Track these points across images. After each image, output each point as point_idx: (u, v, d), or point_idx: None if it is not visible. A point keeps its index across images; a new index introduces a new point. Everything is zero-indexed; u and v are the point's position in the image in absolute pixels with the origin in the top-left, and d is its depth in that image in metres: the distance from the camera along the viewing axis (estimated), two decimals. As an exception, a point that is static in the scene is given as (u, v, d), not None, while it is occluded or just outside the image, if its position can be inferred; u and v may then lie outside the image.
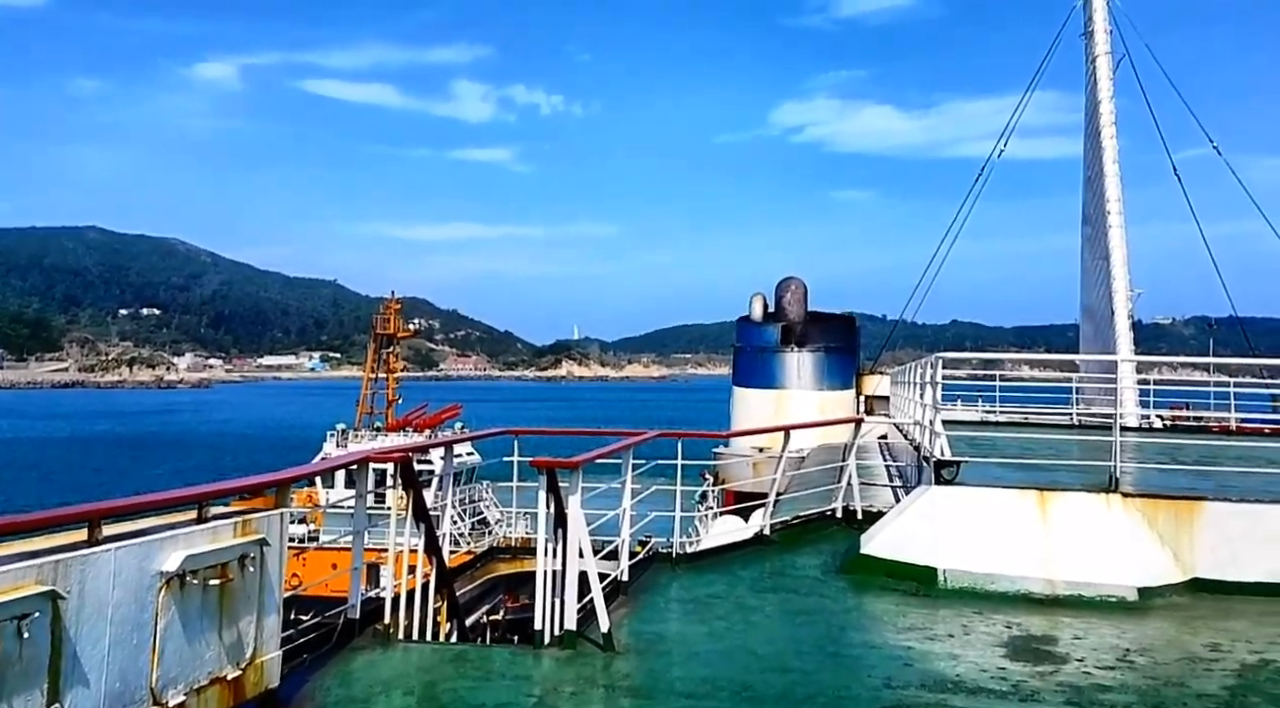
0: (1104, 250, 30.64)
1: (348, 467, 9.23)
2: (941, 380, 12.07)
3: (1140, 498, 10.13)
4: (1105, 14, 31.36)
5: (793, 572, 10.67)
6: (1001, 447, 13.84)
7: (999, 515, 10.09)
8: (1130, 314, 30.29)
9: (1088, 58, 31.96)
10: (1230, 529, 9.80)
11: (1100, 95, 31.13)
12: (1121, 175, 30.78)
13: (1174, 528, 9.92)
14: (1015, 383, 32.14)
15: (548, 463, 7.63)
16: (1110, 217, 30.41)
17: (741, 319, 32.10)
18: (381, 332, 59.89)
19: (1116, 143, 30.95)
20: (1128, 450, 13.18)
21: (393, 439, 47.56)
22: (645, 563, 10.78)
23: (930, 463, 10.84)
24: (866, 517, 12.76)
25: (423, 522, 8.80)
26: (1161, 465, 13.47)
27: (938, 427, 11.21)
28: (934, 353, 12.51)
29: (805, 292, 31.46)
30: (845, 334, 31.33)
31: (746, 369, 31.28)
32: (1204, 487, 10.82)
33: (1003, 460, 12.29)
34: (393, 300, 61.61)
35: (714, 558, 11.34)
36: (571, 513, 7.71)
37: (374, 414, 56.87)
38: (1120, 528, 9.90)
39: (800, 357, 29.94)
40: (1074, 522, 9.96)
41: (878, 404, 30.51)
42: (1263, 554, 9.69)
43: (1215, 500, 10.01)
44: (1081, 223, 33.41)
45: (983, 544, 9.97)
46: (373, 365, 59.11)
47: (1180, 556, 9.86)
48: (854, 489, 13.39)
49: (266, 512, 6.59)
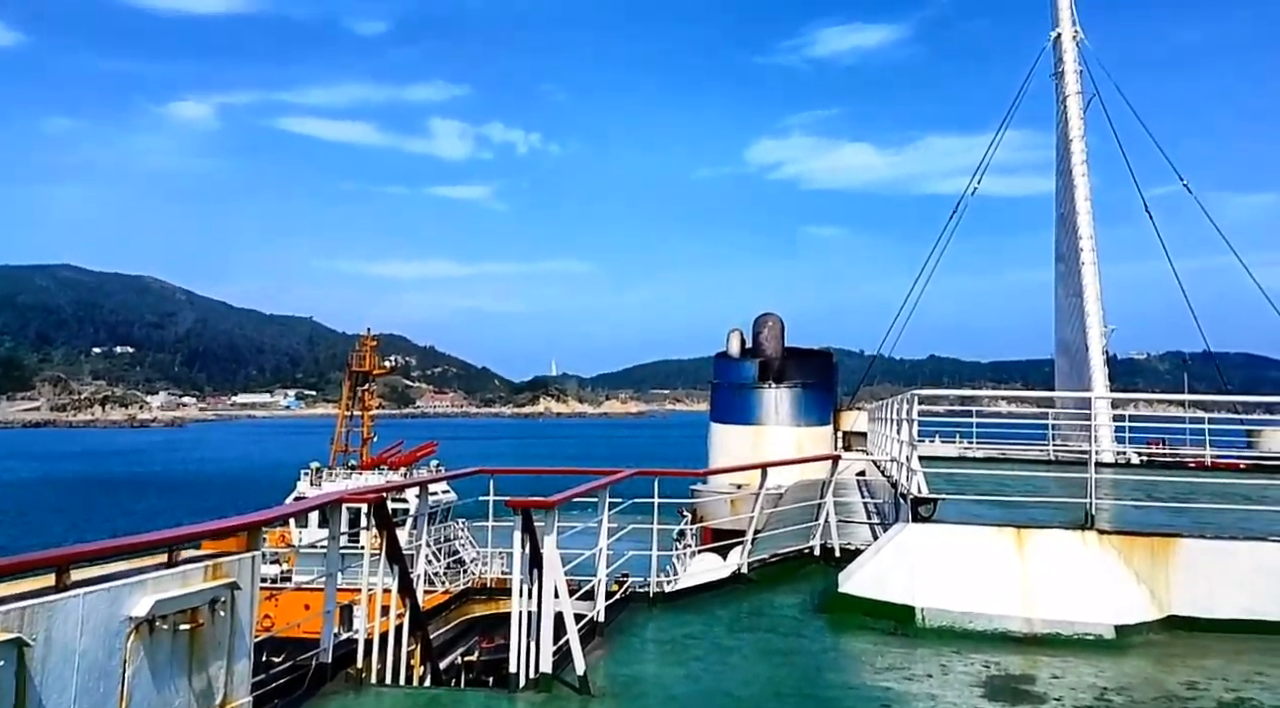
0: (1077, 287, 31.01)
1: (321, 507, 9.11)
2: (918, 417, 12.09)
3: (1116, 535, 10.15)
4: (1075, 55, 32.02)
5: (770, 611, 10.60)
6: (979, 483, 13.85)
7: (976, 553, 10.08)
8: (1104, 350, 30.61)
9: (1058, 97, 32.55)
10: (1206, 567, 9.83)
11: (1071, 134, 31.67)
12: (1094, 212, 31.26)
13: (1150, 565, 9.94)
14: (993, 418, 32.35)
15: (523, 503, 7.57)
16: (1083, 253, 30.82)
17: (719, 355, 32.17)
18: (357, 369, 59.51)
19: (1088, 181, 31.45)
20: (1104, 487, 13.25)
21: (367, 478, 47.11)
22: (622, 603, 10.68)
23: (907, 500, 10.83)
24: (844, 555, 12.72)
25: (396, 563, 8.70)
26: (1137, 502, 13.52)
27: (914, 463, 11.22)
28: (912, 388, 12.55)
29: (782, 327, 31.60)
30: (823, 370, 31.44)
31: (724, 405, 31.30)
32: (1179, 524, 10.87)
33: (980, 497, 12.30)
34: (368, 337, 61.34)
35: (691, 597, 11.26)
36: (547, 553, 7.64)
37: (349, 452, 56.39)
38: (1097, 566, 9.91)
39: (778, 393, 30.00)
40: (1051, 559, 9.96)
41: (856, 440, 30.55)
42: (1238, 592, 9.71)
43: (1190, 538, 10.04)
44: (1055, 259, 33.83)
45: (960, 583, 9.94)
46: (348, 403, 58.70)
47: (1156, 593, 9.87)
48: (832, 527, 13.36)
49: (238, 555, 6.49)
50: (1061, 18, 32.24)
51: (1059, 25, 32.31)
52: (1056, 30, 32.38)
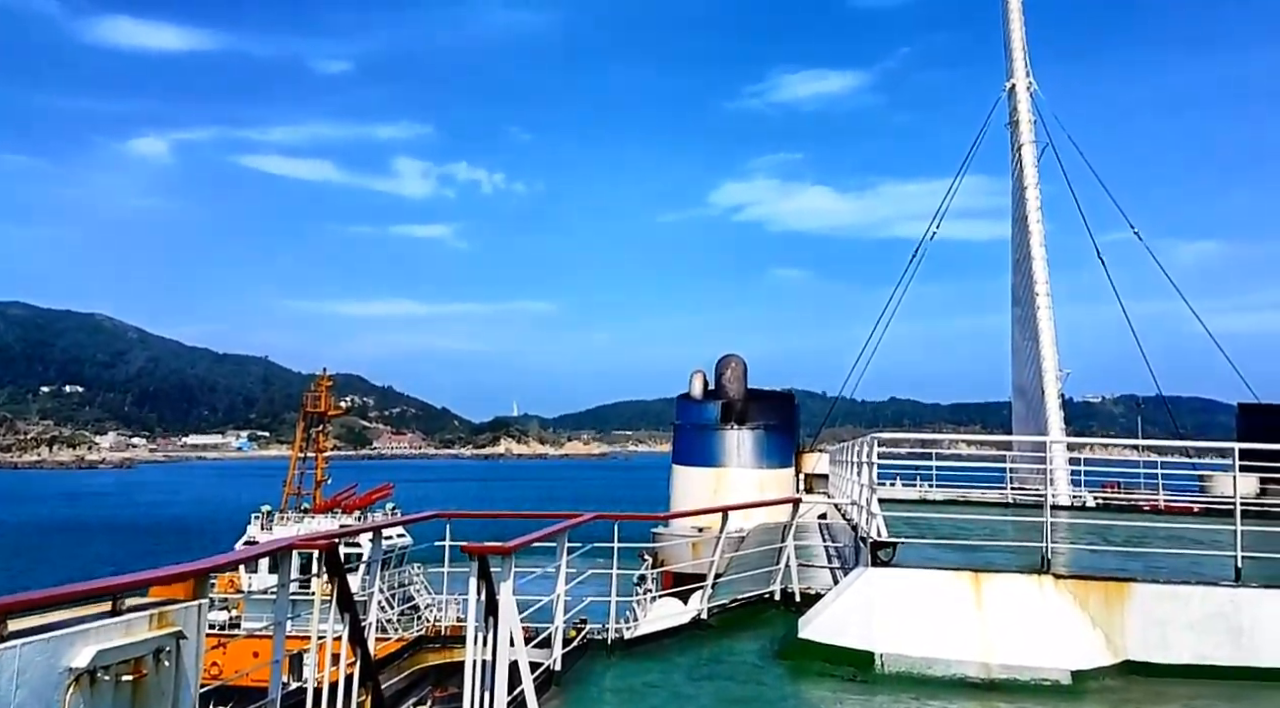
0: (1033, 331, 31.52)
1: (272, 554, 8.91)
2: (878, 460, 12.13)
3: (1072, 580, 10.21)
4: (1029, 105, 32.91)
5: (730, 658, 10.50)
6: (938, 527, 13.91)
7: (935, 598, 10.08)
8: (1060, 393, 31.05)
9: (1013, 146, 33.34)
10: (1159, 611, 9.91)
11: (1026, 181, 32.41)
12: (1048, 258, 31.90)
13: (1105, 610, 10.00)
14: (952, 461, 32.56)
15: (479, 549, 7.46)
16: (1038, 298, 31.38)
17: (681, 397, 32.19)
18: (312, 409, 58.88)
19: (1043, 227, 32.14)
20: (1060, 531, 13.36)
21: (320, 521, 46.37)
22: (580, 650, 10.53)
23: (867, 544, 10.83)
24: (805, 599, 12.66)
25: (347, 611, 8.50)
26: (1093, 546, 13.65)
27: (874, 507, 11.23)
28: (873, 430, 12.61)
29: (745, 369, 31.73)
30: (785, 412, 31.55)
31: (686, 447, 31.26)
32: (1133, 568, 10.96)
33: (939, 541, 12.33)
34: (324, 377, 60.78)
35: (650, 644, 11.12)
36: (503, 600, 7.52)
37: (301, 495, 55.57)
38: (1053, 610, 9.95)
39: (740, 434, 30.03)
40: (1008, 604, 9.98)
41: (817, 482, 30.61)
42: (1191, 637, 9.80)
43: (1144, 582, 10.12)
44: (1011, 303, 34.35)
45: (919, 627, 9.92)
46: (301, 444, 57.91)
47: (1111, 638, 9.92)
48: (792, 571, 13.31)
49: (184, 603, 6.31)
50: (1016, 69, 33.15)
51: (1013, 76, 33.23)
52: (1011, 81, 33.28)
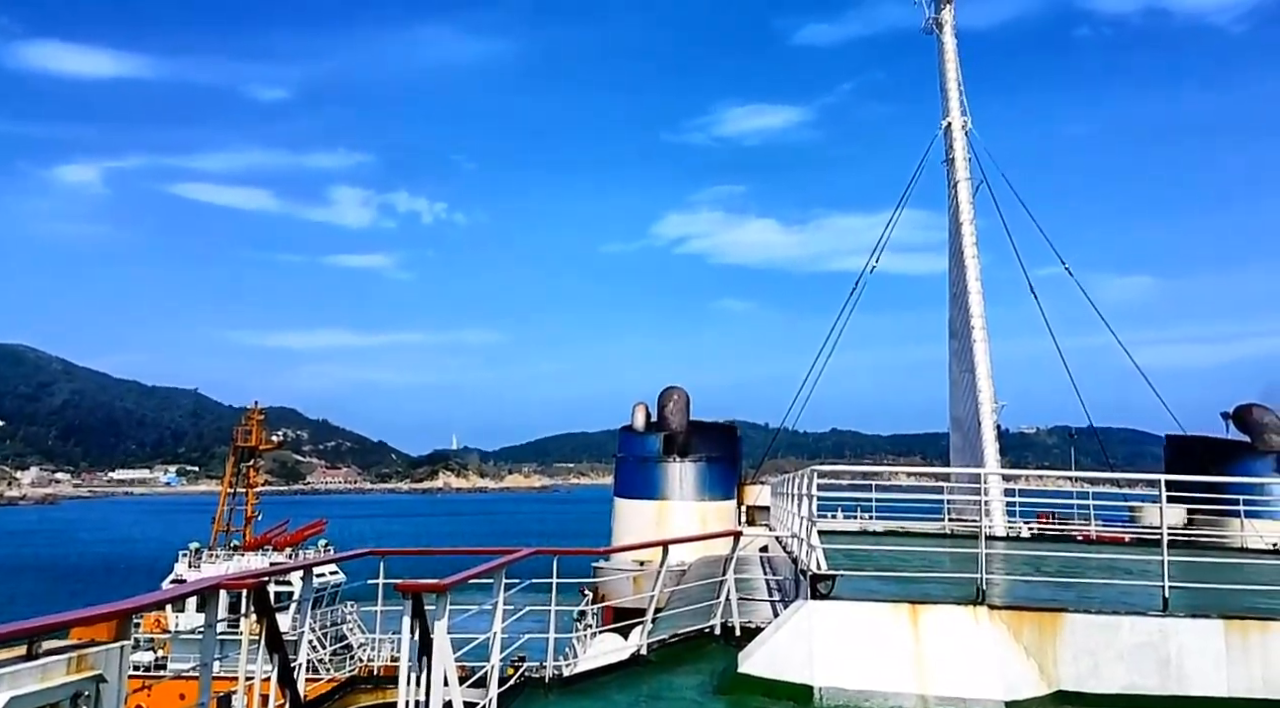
0: (969, 363, 32.11)
1: (199, 593, 8.64)
2: (818, 492, 12.19)
3: (1006, 610, 10.32)
4: (964, 143, 33.78)
5: (669, 694, 10.40)
6: (877, 559, 14.01)
7: (873, 630, 10.11)
8: (996, 424, 31.61)
9: (949, 182, 34.13)
10: (1091, 641, 10.06)
11: (962, 217, 33.17)
12: (984, 291, 32.60)
13: (1038, 640, 10.12)
14: (892, 493, 32.88)
15: (412, 587, 7.31)
16: (974, 330, 32.01)
17: (624, 429, 32.06)
18: (243, 444, 57.64)
19: (978, 261, 32.88)
20: (995, 561, 13.51)
21: (250, 558, 45.24)
22: (517, 689, 10.35)
23: (806, 577, 10.84)
24: (745, 633, 12.61)
25: (276, 651, 8.26)
26: (1027, 576, 13.84)
27: (814, 539, 11.26)
28: (815, 461, 12.67)
29: (688, 401, 31.73)
30: (727, 443, 31.58)
31: (628, 479, 31.12)
32: (1066, 598, 11.13)
33: (878, 573, 12.41)
34: (255, 410, 59.59)
35: (588, 681, 10.97)
36: (437, 639, 7.36)
37: (231, 532, 54.26)
38: (987, 641, 10.04)
39: (682, 467, 29.98)
40: (944, 635, 10.05)
41: (759, 514, 30.64)
42: (1121, 666, 9.96)
43: (1076, 612, 10.28)
44: (949, 336, 34.97)
45: (857, 660, 9.94)
46: (231, 480, 56.64)
47: (1045, 668, 10.04)
48: (733, 605, 13.27)
49: (105, 645, 6.08)
50: (951, 108, 34.02)
51: (949, 115, 34.08)
52: (947, 119, 34.12)
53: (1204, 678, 9.83)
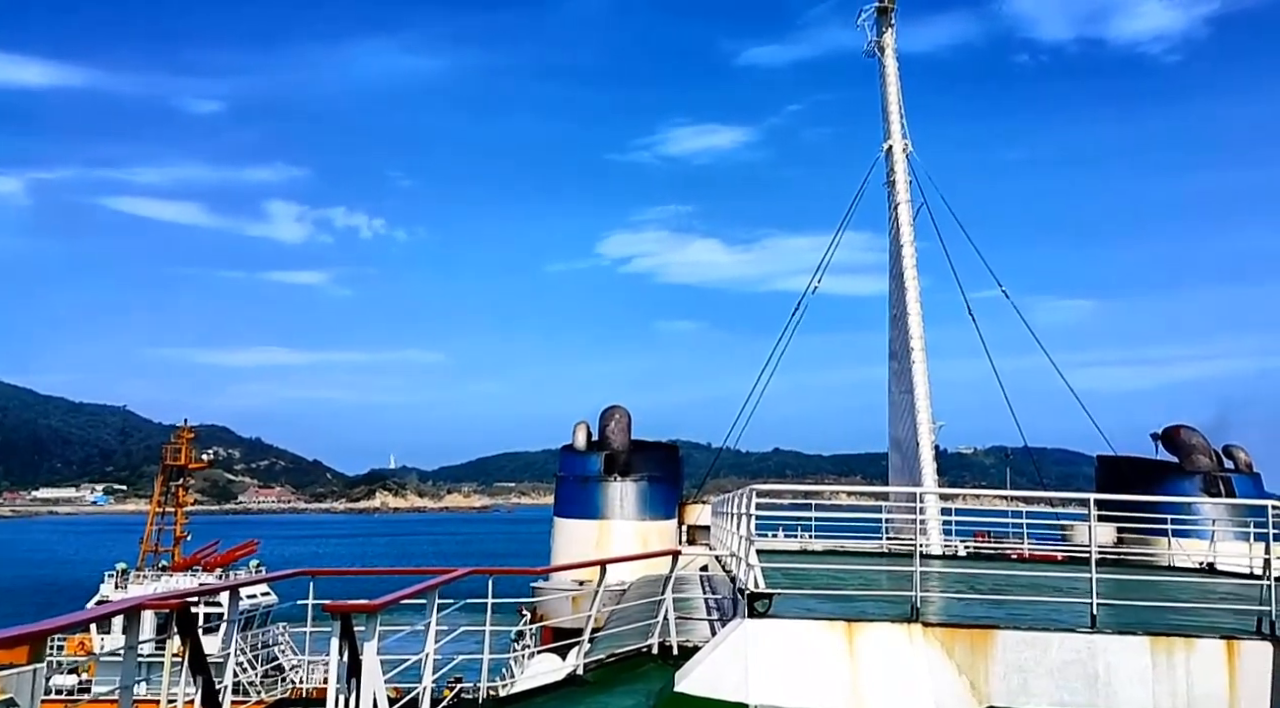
0: (909, 384, 32.53)
1: (120, 614, 8.37)
2: (756, 512, 12.22)
3: (940, 628, 10.43)
4: (905, 166, 34.33)
5: None
6: (815, 577, 14.08)
7: (809, 648, 10.14)
8: (934, 444, 32.06)
9: (890, 204, 34.66)
10: (1021, 658, 10.20)
11: (902, 239, 33.67)
12: (924, 313, 33.09)
13: (970, 657, 10.24)
14: (832, 512, 33.07)
15: (341, 607, 7.16)
16: (914, 352, 32.45)
17: (565, 448, 31.90)
18: (172, 462, 56.35)
19: (918, 283, 33.39)
20: (930, 580, 13.68)
21: (179, 579, 44.17)
22: (451, 710, 10.17)
23: (744, 596, 10.84)
24: (683, 652, 12.56)
25: (200, 674, 8.02)
26: (961, 594, 14.02)
27: (752, 558, 11.27)
28: (756, 481, 12.73)
29: (629, 420, 31.68)
30: (669, 463, 31.58)
31: (568, 499, 30.95)
32: (998, 615, 11.29)
33: (815, 592, 12.47)
34: (185, 429, 58.41)
35: (523, 702, 10.84)
36: (366, 661, 7.21)
37: (160, 552, 52.97)
38: (921, 658, 10.13)
39: (623, 486, 29.90)
40: (879, 653, 10.12)
41: (700, 533, 30.66)
42: (1050, 682, 10.11)
43: (1007, 629, 10.42)
44: (889, 357, 35.41)
45: (793, 678, 9.96)
46: (160, 499, 55.32)
47: (976, 684, 10.16)
48: (671, 624, 13.21)
49: (18, 668, 5.86)
50: (893, 131, 34.54)
51: (890, 138, 34.59)
52: (888, 142, 34.63)
53: (1130, 694, 10.02)
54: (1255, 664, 10.01)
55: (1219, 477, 28.06)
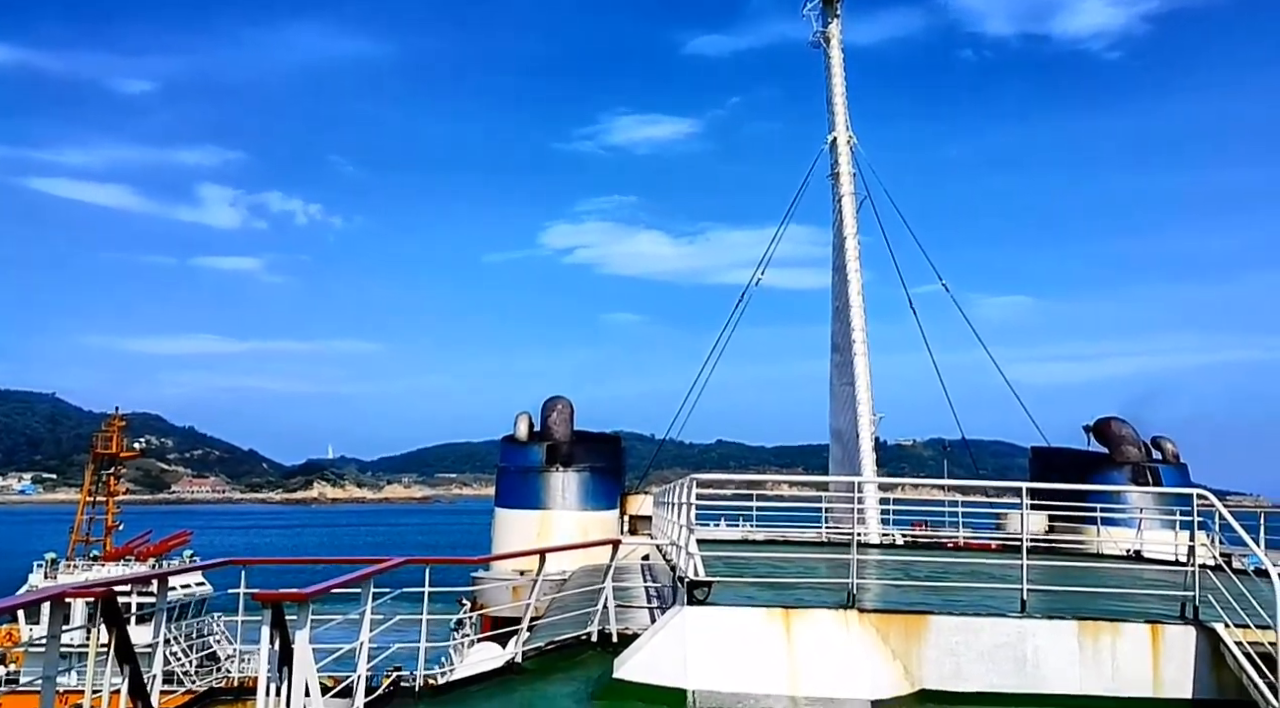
0: (850, 376, 32.85)
1: (44, 602, 8.12)
2: (697, 501, 12.27)
3: (875, 614, 10.59)
4: (849, 158, 34.46)
5: (542, 703, 10.29)
6: (755, 566, 14.19)
7: (747, 635, 10.22)
8: (874, 436, 32.46)
9: (834, 197, 34.83)
10: (953, 642, 10.40)
11: (846, 232, 33.88)
12: (866, 307, 33.40)
13: (905, 642, 10.42)
14: (775, 502, 33.29)
15: (271, 596, 7.03)
16: (855, 344, 32.77)
17: (506, 439, 31.70)
18: (103, 451, 55.05)
19: (861, 276, 33.66)
20: (868, 567, 13.87)
21: (111, 570, 43.24)
22: (386, 698, 10.06)
23: (684, 584, 10.89)
24: (623, 639, 12.59)
25: (127, 663, 7.83)
26: (898, 581, 14.24)
27: (692, 547, 11.32)
28: (699, 472, 12.74)
29: (572, 411, 31.56)
30: (611, 454, 31.53)
31: (510, 490, 30.78)
32: (932, 602, 11.49)
33: (755, 580, 12.57)
34: (117, 417, 57.13)
35: (461, 690, 10.76)
36: (298, 649, 7.09)
37: (90, 543, 51.78)
38: (857, 644, 10.27)
39: (565, 477, 29.81)
40: (816, 639, 10.24)
41: (642, 524, 30.70)
42: (981, 666, 10.33)
43: (940, 615, 10.62)
44: (831, 350, 35.71)
45: (732, 664, 10.04)
46: (91, 488, 54.02)
47: (910, 668, 10.33)
48: (610, 612, 13.22)
49: None
50: (838, 123, 34.63)
51: (835, 130, 34.68)
52: (833, 134, 34.75)
53: (1058, 676, 10.27)
54: (1178, 647, 10.32)
55: (1147, 467, 28.77)
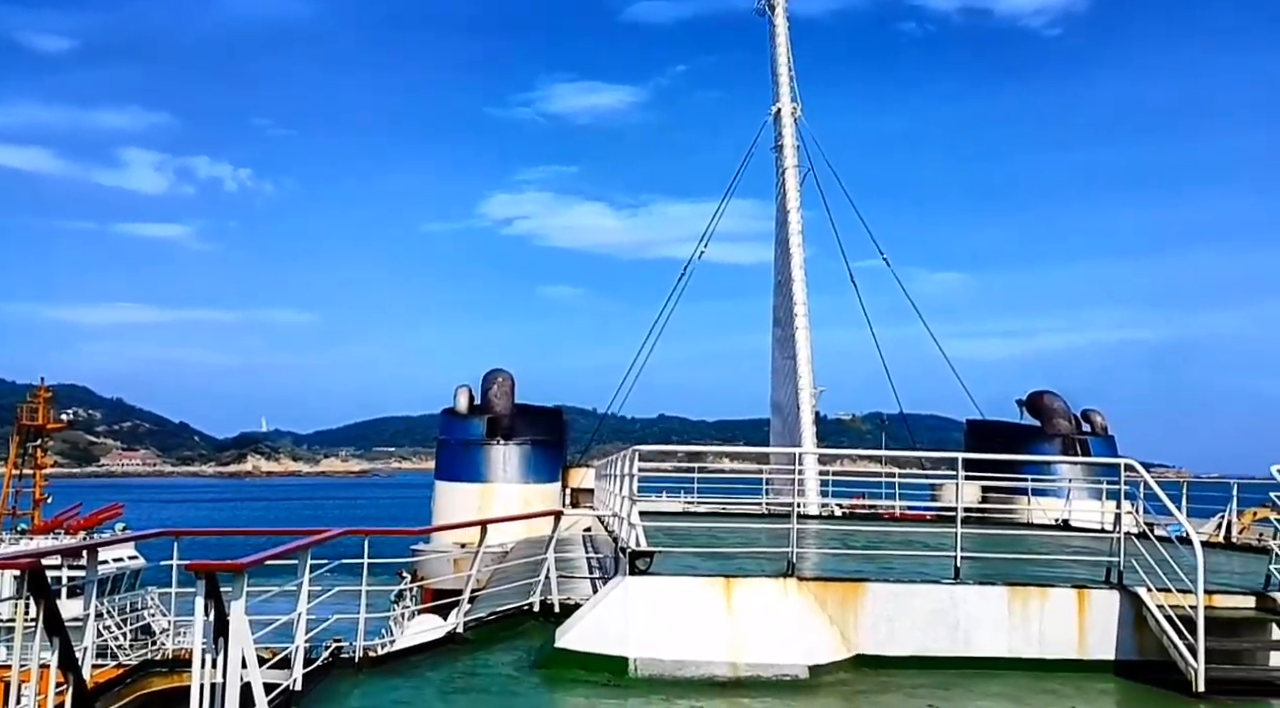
0: (791, 350, 33.17)
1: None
2: (638, 472, 12.34)
3: (813, 582, 10.79)
4: (793, 130, 34.44)
5: (485, 671, 10.30)
6: (696, 537, 14.34)
7: (688, 604, 10.34)
8: (814, 410, 32.87)
9: (778, 170, 34.89)
10: (887, 609, 10.66)
11: (788, 205, 33.97)
12: (808, 280, 33.63)
13: (841, 609, 10.64)
14: (716, 475, 33.55)
15: (205, 567, 6.92)
16: (797, 318, 33.02)
17: (446, 411, 31.49)
18: (28, 423, 53.60)
19: (803, 250, 33.82)
20: (807, 537, 14.10)
21: (40, 543, 42.23)
22: (326, 669, 9.99)
23: (626, 554, 10.96)
24: (565, 610, 12.64)
25: (56, 635, 7.67)
26: (835, 551, 14.52)
27: (634, 518, 11.40)
28: (640, 446, 12.79)
29: (512, 384, 31.43)
30: (552, 427, 31.49)
31: (450, 463, 30.61)
32: (868, 570, 11.74)
33: (696, 550, 12.71)
34: (42, 388, 55.59)
35: (401, 661, 10.72)
36: (234, 620, 6.99)
37: (18, 516, 50.59)
38: (795, 611, 10.46)
39: (506, 450, 29.72)
40: (756, 607, 10.40)
41: (584, 497, 30.79)
42: (913, 631, 10.61)
43: (876, 582, 10.86)
44: (773, 324, 35.95)
45: (673, 632, 10.15)
46: (16, 461, 52.68)
47: (846, 634, 10.57)
48: (552, 583, 13.26)
49: None
50: (782, 94, 34.57)
51: (779, 101, 34.62)
52: (777, 105, 34.70)
53: (988, 639, 10.59)
54: (1103, 610, 10.70)
55: (1077, 439, 29.51)
